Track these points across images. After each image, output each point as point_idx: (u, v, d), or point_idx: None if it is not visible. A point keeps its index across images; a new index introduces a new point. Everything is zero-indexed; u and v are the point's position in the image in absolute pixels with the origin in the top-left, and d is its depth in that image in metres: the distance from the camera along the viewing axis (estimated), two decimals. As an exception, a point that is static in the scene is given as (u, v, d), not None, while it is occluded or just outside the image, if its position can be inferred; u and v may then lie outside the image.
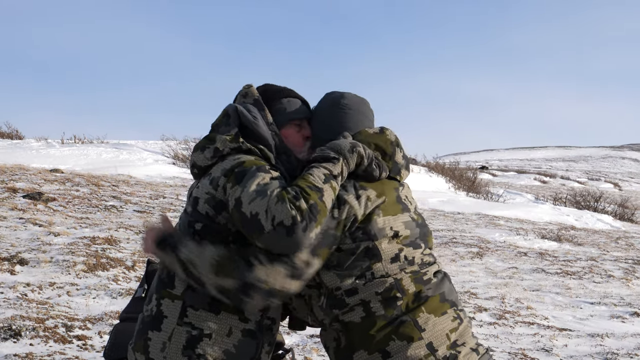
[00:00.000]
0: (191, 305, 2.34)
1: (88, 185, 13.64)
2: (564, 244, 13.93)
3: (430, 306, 2.38)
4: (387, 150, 2.55)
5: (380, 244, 2.36)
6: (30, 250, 7.66)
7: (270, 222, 2.15)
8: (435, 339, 2.33)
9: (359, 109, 2.65)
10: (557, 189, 37.36)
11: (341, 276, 2.35)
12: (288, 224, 2.14)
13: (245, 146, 2.47)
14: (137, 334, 2.43)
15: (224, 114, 2.59)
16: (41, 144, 21.47)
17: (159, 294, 2.41)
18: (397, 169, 2.58)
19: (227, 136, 2.49)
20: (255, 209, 2.19)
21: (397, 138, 2.61)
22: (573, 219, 20.09)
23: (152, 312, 2.39)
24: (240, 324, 2.37)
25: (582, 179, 52.31)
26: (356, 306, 2.36)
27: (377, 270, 2.36)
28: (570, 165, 68.14)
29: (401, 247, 2.40)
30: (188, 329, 2.32)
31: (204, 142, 2.54)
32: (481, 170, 46.58)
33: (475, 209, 19.61)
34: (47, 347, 5.00)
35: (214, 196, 2.37)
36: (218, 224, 2.38)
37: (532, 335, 6.78)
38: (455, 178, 27.86)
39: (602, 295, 9.13)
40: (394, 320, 2.34)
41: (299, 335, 6.06)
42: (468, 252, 11.89)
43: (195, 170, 2.55)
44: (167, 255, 2.33)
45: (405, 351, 2.29)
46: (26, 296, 6.17)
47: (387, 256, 2.37)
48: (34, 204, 10.64)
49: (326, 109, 2.65)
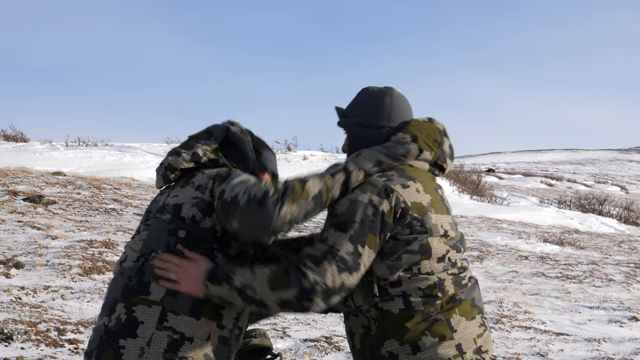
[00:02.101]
0: (172, 310, 2.36)
1: (90, 188, 13.65)
2: (566, 247, 13.89)
3: (462, 309, 2.45)
4: (437, 138, 2.64)
5: (433, 241, 2.42)
6: (26, 253, 7.67)
7: (246, 197, 2.27)
8: (464, 342, 2.41)
9: (407, 101, 2.75)
10: (564, 192, 37.21)
11: (391, 268, 2.39)
12: (259, 196, 2.25)
13: (222, 161, 2.61)
14: (100, 345, 2.39)
15: (206, 131, 2.71)
16: (45, 146, 21.50)
17: (127, 301, 2.39)
18: (444, 157, 2.67)
19: (208, 147, 2.61)
20: (236, 191, 2.32)
21: (444, 128, 2.70)
22: (577, 222, 20.02)
23: (121, 320, 2.37)
24: (218, 330, 2.41)
25: (589, 181, 52.09)
26: (396, 297, 2.41)
27: (424, 266, 2.41)
28: (578, 168, 67.87)
29: (448, 249, 2.46)
30: (169, 333, 2.33)
31: (180, 149, 2.64)
32: (488, 173, 46.46)
33: (479, 212, 19.55)
34: (38, 351, 5.01)
35: (202, 199, 2.44)
36: (203, 228, 2.42)
37: (529, 339, 6.75)
38: (459, 181, 27.78)
39: (601, 299, 9.09)
40: (429, 317, 2.39)
41: (292, 340, 6.05)
42: (468, 256, 11.85)
43: (169, 172, 2.58)
44: (222, 288, 2.34)
45: (436, 348, 2.36)
46: (20, 300, 6.18)
47: (436, 255, 2.43)
48: (33, 207, 10.66)
49: (378, 99, 2.69)
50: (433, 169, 2.67)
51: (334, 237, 2.34)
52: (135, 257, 2.47)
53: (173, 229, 2.44)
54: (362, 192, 2.40)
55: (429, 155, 2.62)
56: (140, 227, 2.58)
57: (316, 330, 6.46)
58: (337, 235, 2.34)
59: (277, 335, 6.15)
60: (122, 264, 2.51)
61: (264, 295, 2.31)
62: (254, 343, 2.98)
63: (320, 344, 5.95)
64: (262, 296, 2.31)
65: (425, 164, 2.63)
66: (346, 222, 2.35)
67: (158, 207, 2.55)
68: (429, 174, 2.62)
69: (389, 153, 2.52)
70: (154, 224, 2.51)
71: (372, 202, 2.37)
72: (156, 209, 2.55)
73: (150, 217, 2.55)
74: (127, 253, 2.52)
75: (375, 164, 2.48)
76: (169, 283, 2.36)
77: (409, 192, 2.43)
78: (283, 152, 25.48)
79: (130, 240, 2.57)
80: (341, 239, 2.33)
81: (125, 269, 2.46)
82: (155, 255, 2.42)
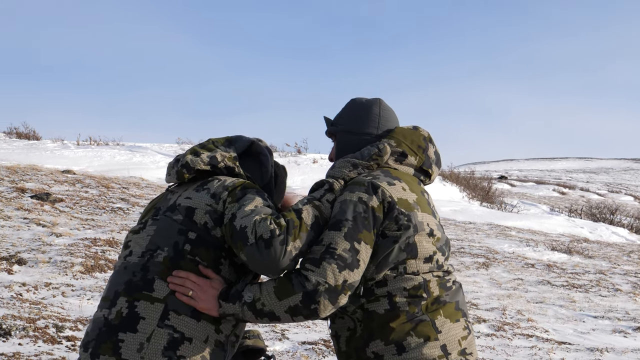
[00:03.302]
0: (174, 309, 2.39)
1: (98, 186, 13.70)
2: (574, 256, 13.80)
3: (447, 311, 2.48)
4: (422, 144, 2.70)
5: (421, 240, 2.46)
6: (30, 250, 7.70)
7: (253, 236, 2.31)
8: (449, 343, 2.44)
9: (394, 112, 2.82)
10: (576, 201, 37.02)
11: (378, 265, 2.43)
12: (267, 237, 2.30)
13: (237, 170, 2.68)
14: (99, 337, 2.40)
15: (226, 139, 2.79)
16: (57, 145, 21.61)
17: (130, 296, 2.41)
18: (429, 163, 2.73)
19: (227, 154, 2.68)
20: (245, 223, 2.35)
21: (429, 135, 2.76)
22: (587, 231, 19.90)
23: (122, 313, 2.39)
24: (215, 334, 2.45)
25: (602, 191, 51.80)
26: (382, 297, 2.44)
27: (410, 266, 2.45)
28: (591, 177, 67.52)
29: (435, 250, 2.51)
30: (170, 332, 2.36)
31: (199, 149, 2.70)
32: (500, 180, 46.30)
33: (488, 219, 19.48)
34: (35, 347, 5.01)
35: (215, 209, 2.48)
36: (213, 236, 2.47)
37: (530, 348, 6.70)
38: (469, 187, 27.70)
39: (606, 309, 9.01)
40: (414, 318, 2.43)
41: (291, 342, 6.04)
42: (474, 262, 11.80)
43: (185, 170, 2.61)
44: (234, 305, 2.40)
45: (421, 349, 2.39)
46: (21, 296, 6.19)
47: (423, 255, 2.46)
48: (40, 205, 10.70)
49: (367, 108, 2.76)
50: (419, 175, 2.72)
51: (329, 236, 2.38)
52: (140, 253, 2.49)
53: (184, 230, 2.48)
54: (350, 192, 2.46)
55: (414, 160, 2.68)
56: (147, 221, 2.59)
57: (315, 333, 6.44)
58: (332, 235, 2.38)
59: (276, 337, 6.14)
60: (126, 258, 2.52)
61: (273, 306, 2.36)
62: (248, 344, 2.98)
63: (318, 347, 5.93)
64: (272, 307, 2.36)
65: (410, 169, 2.69)
66: (339, 221, 2.40)
67: (169, 206, 2.57)
68: (414, 178, 2.68)
69: (362, 154, 2.61)
70: (163, 221, 2.54)
71: (361, 199, 2.42)
72: (167, 207, 2.58)
73: (159, 214, 2.57)
74: (131, 248, 2.54)
75: (351, 168, 2.57)
76: (186, 298, 2.40)
77: (395, 189, 2.48)
78: (293, 155, 25.50)
79: (135, 235, 2.58)
80: (336, 238, 2.37)
81: (130, 264, 2.49)
82: (160, 252, 2.46)
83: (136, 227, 2.61)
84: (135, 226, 2.62)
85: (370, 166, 2.59)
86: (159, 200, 2.68)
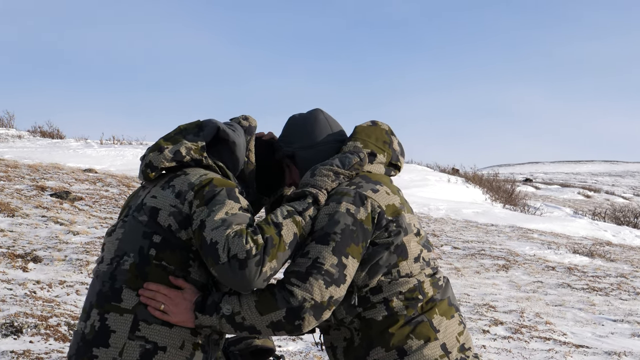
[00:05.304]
0: (144, 319, 2.30)
1: (119, 185, 13.77)
2: (595, 259, 13.63)
3: (441, 309, 2.47)
4: (386, 139, 2.66)
5: (409, 241, 2.43)
6: (46, 248, 7.73)
7: (226, 254, 2.19)
8: (448, 341, 2.42)
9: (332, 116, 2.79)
10: (600, 204, 36.64)
11: (369, 272, 2.39)
12: (242, 257, 2.17)
13: (206, 162, 2.49)
14: (77, 352, 2.34)
15: (196, 124, 2.57)
16: (80, 143, 21.78)
17: (101, 308, 2.33)
18: (396, 156, 2.69)
19: (193, 145, 2.48)
20: (216, 238, 2.21)
21: (389, 127, 2.72)
22: (610, 234, 19.66)
23: (95, 327, 2.31)
24: (192, 337, 2.36)
25: (627, 194, 51.26)
26: (378, 304, 2.41)
27: (402, 268, 2.41)
28: (617, 180, 66.81)
29: (421, 248, 2.48)
30: (141, 343, 2.28)
31: (164, 143, 2.51)
32: (525, 183, 45.96)
33: (511, 221, 19.32)
34: (46, 345, 5.02)
35: (180, 211, 2.34)
36: (179, 239, 2.34)
37: (547, 351, 6.61)
38: (492, 189, 27.52)
39: (627, 312, 8.88)
40: (412, 320, 2.40)
41: (304, 342, 6.00)
42: (494, 265, 11.70)
43: (149, 170, 2.47)
44: (212, 318, 2.31)
45: (423, 350, 2.37)
46: (35, 294, 6.21)
47: (412, 255, 2.44)
48: (59, 203, 10.76)
49: (312, 118, 2.71)
50: (389, 170, 2.69)
51: (316, 250, 2.31)
52: (109, 260, 2.40)
53: (148, 233, 2.35)
54: (337, 203, 2.38)
55: (383, 157, 2.64)
56: (118, 222, 2.49)
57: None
58: (320, 249, 2.30)
59: (289, 337, 6.11)
60: (99, 265, 2.44)
61: (254, 320, 2.29)
62: (257, 344, 2.92)
63: (330, 348, 5.88)
64: (252, 322, 2.29)
65: (382, 167, 2.64)
66: (327, 234, 2.32)
67: (137, 204, 2.45)
68: (387, 178, 2.64)
69: (344, 163, 2.49)
70: (130, 223, 2.42)
71: (349, 211, 2.35)
72: (135, 206, 2.46)
73: (128, 214, 2.46)
74: (103, 253, 2.45)
75: (334, 178, 2.45)
76: (159, 312, 2.30)
77: (380, 196, 2.44)
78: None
79: (108, 238, 2.49)
80: (324, 252, 2.29)
81: (100, 272, 2.40)
82: (127, 259, 2.35)
83: (111, 228, 2.51)
84: (111, 227, 2.52)
85: (351, 175, 2.50)
86: (132, 197, 2.56)
